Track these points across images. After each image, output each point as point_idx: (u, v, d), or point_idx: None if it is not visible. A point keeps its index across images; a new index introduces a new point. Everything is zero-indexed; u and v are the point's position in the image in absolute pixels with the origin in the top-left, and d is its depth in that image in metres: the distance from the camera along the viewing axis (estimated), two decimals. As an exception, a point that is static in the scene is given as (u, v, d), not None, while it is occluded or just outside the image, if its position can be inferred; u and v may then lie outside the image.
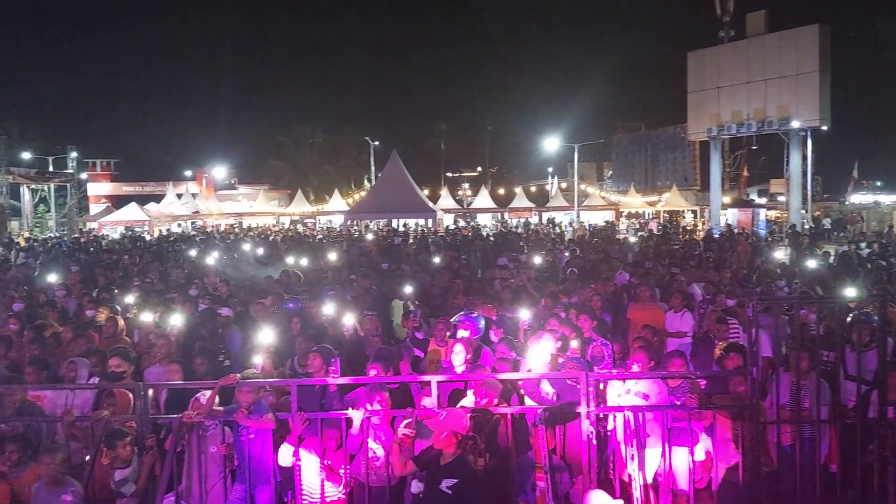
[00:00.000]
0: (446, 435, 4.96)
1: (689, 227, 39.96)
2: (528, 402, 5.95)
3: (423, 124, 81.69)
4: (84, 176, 58.15)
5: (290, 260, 17.02)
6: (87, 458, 5.54)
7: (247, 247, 22.21)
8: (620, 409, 5.85)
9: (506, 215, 50.57)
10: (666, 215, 47.19)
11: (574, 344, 7.16)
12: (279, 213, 55.68)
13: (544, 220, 46.93)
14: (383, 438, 5.53)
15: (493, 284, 11.85)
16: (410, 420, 5.41)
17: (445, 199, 54.02)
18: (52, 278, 13.71)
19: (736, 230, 29.64)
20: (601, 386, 6.07)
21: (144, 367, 7.34)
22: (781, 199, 43.88)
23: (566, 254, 17.93)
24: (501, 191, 64.19)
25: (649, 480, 5.83)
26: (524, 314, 8.27)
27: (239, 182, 68.42)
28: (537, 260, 15.51)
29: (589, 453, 5.51)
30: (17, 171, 49.36)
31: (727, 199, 44.13)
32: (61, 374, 7.05)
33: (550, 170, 66.48)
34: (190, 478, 5.59)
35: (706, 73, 39.71)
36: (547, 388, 5.93)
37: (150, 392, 5.80)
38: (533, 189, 64.77)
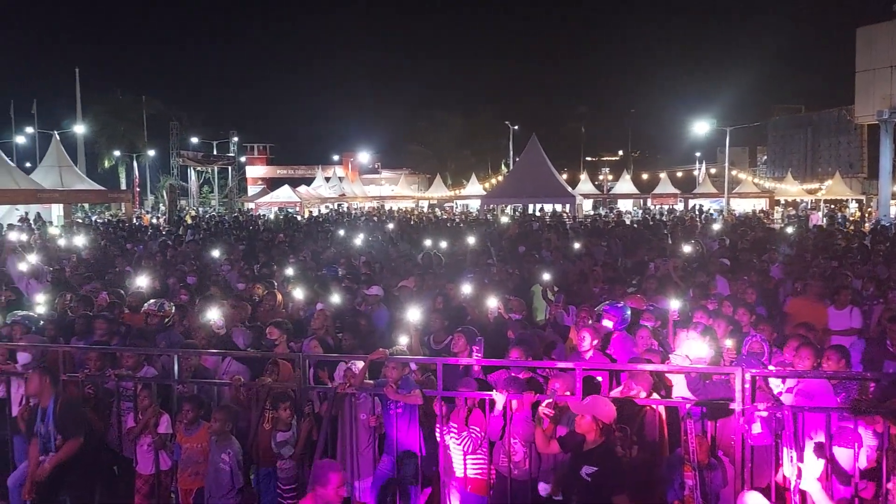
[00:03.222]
0: (588, 420, 4.89)
1: (853, 219, 36.67)
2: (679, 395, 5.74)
3: (562, 108, 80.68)
4: (243, 159, 62.39)
5: (428, 242, 17.42)
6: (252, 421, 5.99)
7: (389, 229, 22.98)
8: (779, 408, 5.50)
9: (649, 201, 48.81)
10: (828, 205, 43.55)
11: (728, 340, 6.82)
12: (418, 197, 57.10)
13: (690, 208, 44.74)
14: (522, 430, 5.49)
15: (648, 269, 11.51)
16: (550, 400, 5.38)
17: (585, 184, 53.08)
18: (216, 254, 14.85)
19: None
20: (758, 382, 5.74)
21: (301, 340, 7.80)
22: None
23: (716, 244, 17.06)
24: (645, 176, 62.06)
25: (809, 485, 5.44)
26: (674, 304, 7.96)
27: (382, 166, 70.78)
28: (685, 249, 14.87)
29: (743, 452, 5.24)
30: (186, 154, 53.85)
31: (898, 188, 40.04)
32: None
33: (698, 154, 63.35)
34: (343, 444, 5.90)
35: (878, 49, 35.99)
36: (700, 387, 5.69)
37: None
38: (679, 174, 62.09)
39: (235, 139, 61.10)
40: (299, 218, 35.71)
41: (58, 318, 8.58)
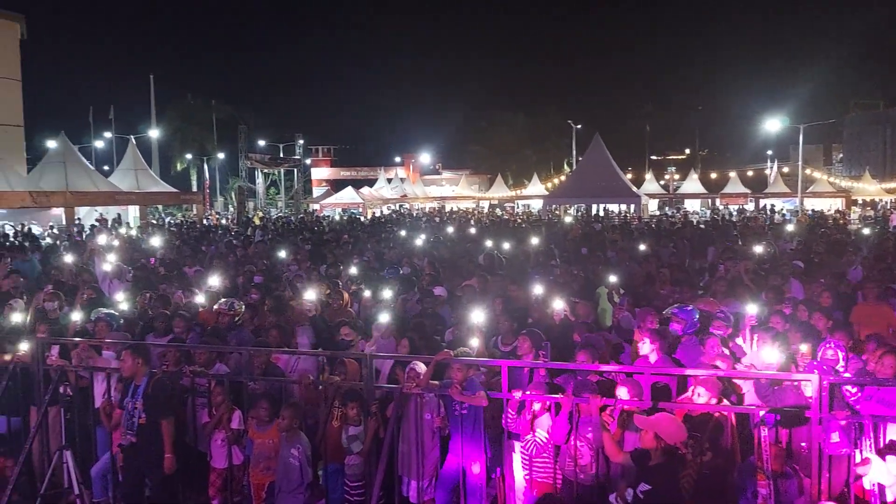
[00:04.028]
0: (650, 436, 4.79)
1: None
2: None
3: (627, 106, 78.81)
4: (308, 161, 63.64)
5: (490, 243, 17.38)
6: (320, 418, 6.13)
7: (450, 229, 23.05)
8: (860, 417, 5.28)
9: (717, 201, 47.47)
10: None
11: (803, 345, 6.58)
12: (479, 198, 57.03)
13: (761, 208, 43.32)
14: (590, 434, 5.42)
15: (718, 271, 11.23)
16: (612, 408, 5.30)
17: (650, 184, 52.02)
18: (283, 254, 15.20)
19: None
20: (834, 390, 5.53)
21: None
22: None
23: (790, 245, 16.48)
24: (713, 175, 60.37)
25: (890, 497, 5.21)
26: (751, 309, 7.73)
27: (443, 167, 71.04)
28: (757, 250, 14.42)
29: (820, 462, 5.05)
30: (254, 156, 55.26)
31: None
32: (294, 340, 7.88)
33: (769, 153, 61.28)
34: (407, 444, 5.97)
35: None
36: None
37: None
38: (749, 174, 60.15)
39: (301, 142, 62.39)
40: (362, 219, 36.21)
41: (138, 316, 8.96)
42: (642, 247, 15.71)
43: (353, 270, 12.07)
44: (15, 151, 35.48)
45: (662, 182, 58.74)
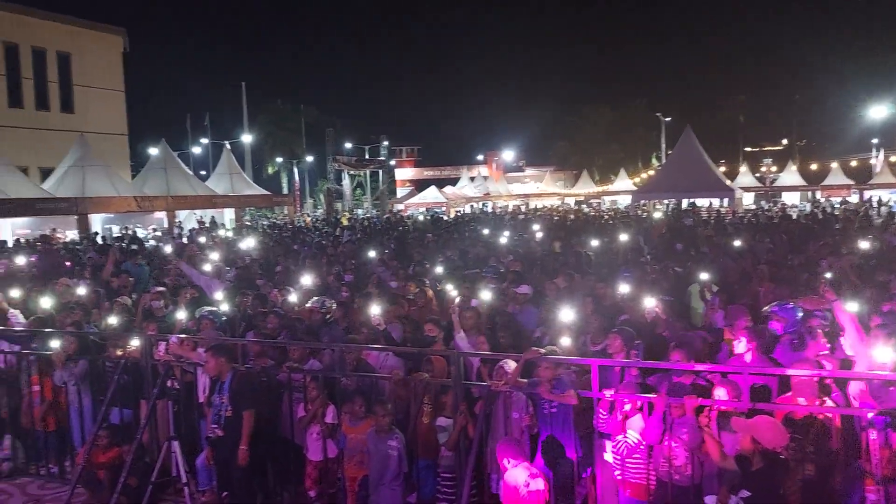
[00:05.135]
0: (747, 440, 4.61)
1: None
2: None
3: (718, 96, 75.54)
4: (393, 162, 64.71)
5: (577, 240, 17.16)
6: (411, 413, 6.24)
7: (535, 227, 22.89)
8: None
9: (818, 193, 45.11)
10: None
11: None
12: (564, 194, 56.38)
13: (866, 199, 40.83)
14: (685, 435, 5.27)
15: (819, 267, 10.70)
16: (709, 409, 5.14)
17: (744, 177, 49.99)
18: (371, 254, 15.52)
19: None
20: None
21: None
22: None
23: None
24: (813, 166, 57.32)
25: None
26: (855, 307, 7.30)
27: (527, 164, 70.63)
28: (862, 245, 13.61)
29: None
30: (341, 158, 56.68)
31: None
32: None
33: (875, 141, 57.52)
34: (496, 441, 5.98)
35: None
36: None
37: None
38: (853, 164, 56.80)
39: (385, 143, 63.51)
40: (445, 218, 36.47)
41: (239, 315, 9.37)
42: (737, 242, 15.11)
43: (439, 269, 12.19)
44: (120, 159, 37.79)
45: (758, 174, 56.32)
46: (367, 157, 62.87)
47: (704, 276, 10.04)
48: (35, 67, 35.13)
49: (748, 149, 72.15)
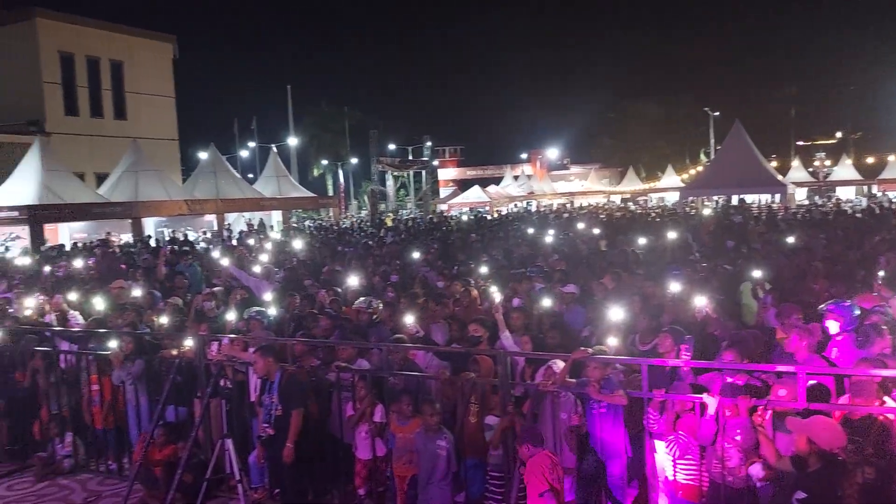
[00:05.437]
0: (803, 441, 4.48)
1: None
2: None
3: (769, 89, 73.57)
4: (436, 163, 64.87)
5: (623, 238, 16.93)
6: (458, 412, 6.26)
7: (580, 226, 22.65)
8: None
9: (874, 188, 43.61)
10: None
11: None
12: (609, 192, 55.71)
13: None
14: (738, 437, 5.14)
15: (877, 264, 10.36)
16: (761, 409, 5.02)
17: (797, 171, 48.66)
18: (415, 254, 15.59)
19: None
20: None
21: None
22: None
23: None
24: (869, 160, 55.43)
25: None
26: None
27: (571, 162, 70.03)
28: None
29: None
30: (384, 160, 56.99)
31: None
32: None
33: (935, 132, 55.39)
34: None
35: None
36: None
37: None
38: (911, 156, 54.67)
39: (429, 143, 63.70)
40: (489, 217, 36.40)
41: (288, 316, 9.52)
42: (790, 239, 14.71)
43: (484, 269, 12.17)
44: (171, 163, 38.86)
45: (811, 169, 54.71)
46: (410, 157, 63.13)
47: (757, 273, 9.80)
48: (90, 76, 36.35)
49: (800, 143, 70.11)
